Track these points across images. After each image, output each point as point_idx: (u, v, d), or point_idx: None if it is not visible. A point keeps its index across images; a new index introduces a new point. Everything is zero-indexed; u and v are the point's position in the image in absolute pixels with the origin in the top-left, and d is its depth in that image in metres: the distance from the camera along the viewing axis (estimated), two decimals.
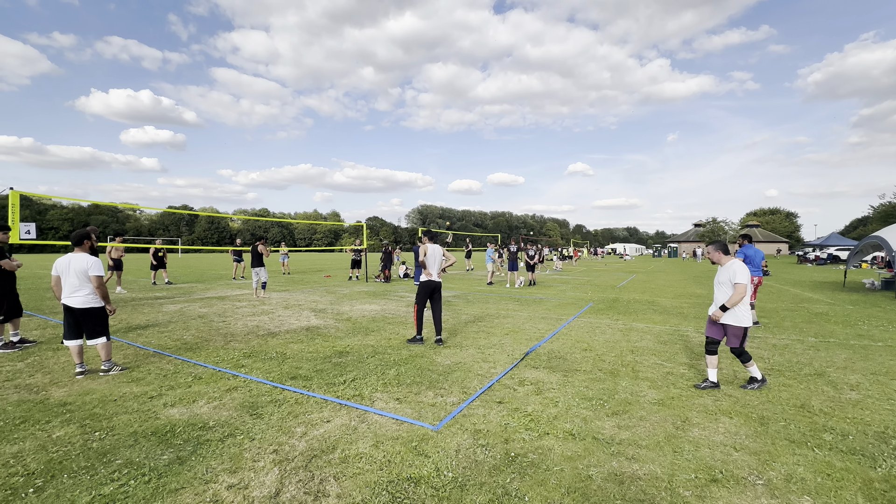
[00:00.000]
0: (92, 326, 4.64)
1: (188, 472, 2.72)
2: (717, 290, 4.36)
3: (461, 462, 2.89)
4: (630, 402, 3.96)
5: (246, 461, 2.87)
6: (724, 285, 4.24)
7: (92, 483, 2.59)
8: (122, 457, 2.90)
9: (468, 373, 4.82)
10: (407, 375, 4.70)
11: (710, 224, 61.84)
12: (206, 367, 5.00)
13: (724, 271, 4.28)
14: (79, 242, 4.73)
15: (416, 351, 5.77)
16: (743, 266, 4.17)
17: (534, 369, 4.98)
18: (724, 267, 4.30)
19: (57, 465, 2.79)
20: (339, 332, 6.97)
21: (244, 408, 3.77)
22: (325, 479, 2.67)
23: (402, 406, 3.84)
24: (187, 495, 2.49)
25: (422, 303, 6.32)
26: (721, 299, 4.26)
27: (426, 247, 6.50)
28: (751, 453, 3.04)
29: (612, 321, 8.21)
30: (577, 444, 3.15)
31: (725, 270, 4.25)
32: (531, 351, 5.81)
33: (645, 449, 3.08)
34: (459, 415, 3.66)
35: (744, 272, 4.11)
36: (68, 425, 3.39)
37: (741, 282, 4.08)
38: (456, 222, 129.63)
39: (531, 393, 4.21)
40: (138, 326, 7.38)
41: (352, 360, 5.30)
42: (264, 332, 6.99)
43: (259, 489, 2.56)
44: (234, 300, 10.82)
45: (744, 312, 4.19)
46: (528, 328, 7.43)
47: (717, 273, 4.38)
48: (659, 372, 4.90)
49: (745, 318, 4.19)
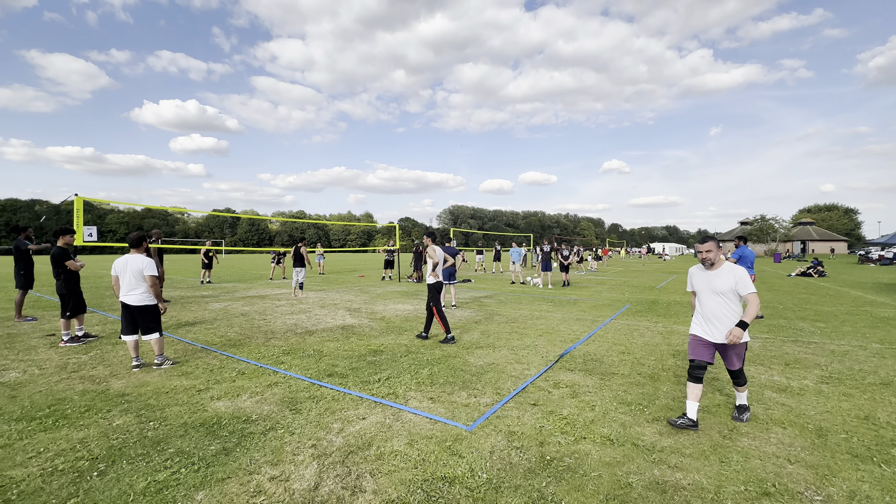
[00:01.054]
0: (146, 323, 4.96)
1: (233, 463, 2.85)
2: (708, 299, 3.44)
3: (495, 464, 2.87)
4: (672, 409, 3.80)
5: (286, 454, 2.97)
6: (726, 296, 3.36)
7: (147, 469, 2.76)
8: (174, 446, 3.08)
9: (501, 374, 4.78)
10: (440, 375, 4.72)
11: (758, 222, 58.23)
12: (248, 362, 5.22)
13: (720, 277, 3.38)
14: (135, 244, 5.06)
15: (449, 351, 5.79)
16: (744, 271, 3.38)
17: (569, 372, 4.88)
18: (719, 272, 3.41)
19: (117, 451, 3.00)
20: (373, 332, 7.10)
21: (284, 403, 3.91)
22: (361, 475, 2.73)
23: (436, 405, 3.86)
24: (233, 485, 2.61)
25: (438, 303, 6.41)
26: (724, 313, 3.38)
27: (432, 248, 6.60)
28: (807, 467, 2.84)
29: (652, 323, 7.91)
30: (616, 450, 3.05)
31: (723, 277, 3.38)
32: (566, 353, 5.69)
33: (689, 458, 2.95)
34: (493, 416, 3.63)
35: (748, 278, 3.34)
36: (126, 415, 3.63)
37: (753, 291, 3.31)
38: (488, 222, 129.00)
39: (566, 396, 4.12)
40: (187, 323, 7.81)
41: (386, 359, 5.38)
42: (302, 330, 7.22)
43: (299, 482, 2.65)
44: (274, 299, 11.25)
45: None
46: (563, 330, 7.28)
47: (701, 277, 3.53)
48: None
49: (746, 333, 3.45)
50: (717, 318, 3.40)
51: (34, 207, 74.73)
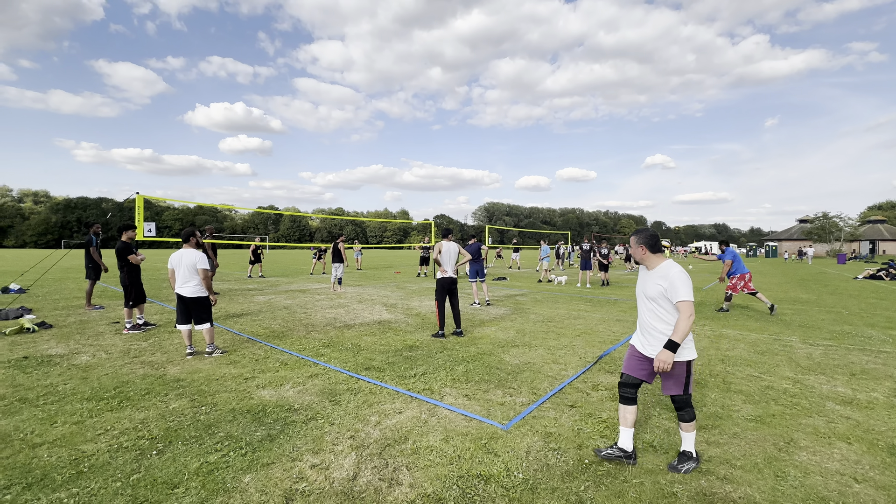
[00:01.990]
0: (199, 313, 5.28)
1: (277, 449, 2.98)
2: (641, 305, 2.90)
3: (532, 464, 2.83)
4: (721, 417, 3.60)
5: (326, 444, 3.07)
6: (657, 302, 2.76)
7: (200, 451, 2.94)
8: (224, 430, 3.26)
9: (537, 374, 4.71)
10: (475, 373, 4.71)
11: (819, 219, 53.80)
12: (290, 354, 5.44)
13: (652, 280, 2.79)
14: (187, 239, 5.39)
15: (484, 349, 5.77)
16: (683, 273, 2.70)
17: (608, 374, 4.73)
18: (654, 272, 2.81)
19: (173, 432, 3.22)
20: (408, 327, 7.19)
21: (324, 394, 4.04)
22: (398, 468, 2.77)
23: (471, 403, 3.86)
24: (277, 470, 2.73)
25: (441, 299, 6.50)
26: (653, 324, 2.79)
27: (441, 244, 6.70)
28: (877, 487, 2.60)
29: (698, 326, 7.52)
30: (659, 457, 2.93)
31: (655, 279, 2.77)
32: (605, 354, 5.53)
33: (740, 469, 2.78)
34: (529, 416, 3.58)
35: (686, 283, 2.65)
36: (181, 399, 3.88)
37: (686, 299, 2.62)
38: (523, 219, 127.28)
39: (606, 399, 4.00)
40: (234, 315, 8.24)
41: (421, 355, 5.44)
42: (341, 324, 7.44)
43: (338, 471, 2.73)
44: (314, 293, 11.64)
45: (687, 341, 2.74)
46: (602, 330, 7.07)
47: (640, 278, 2.97)
48: (756, 385, 4.39)
49: (688, 348, 2.74)
50: (646, 330, 2.84)
51: (101, 205, 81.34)
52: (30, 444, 3.00)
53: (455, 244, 6.79)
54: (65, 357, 5.18)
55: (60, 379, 4.38)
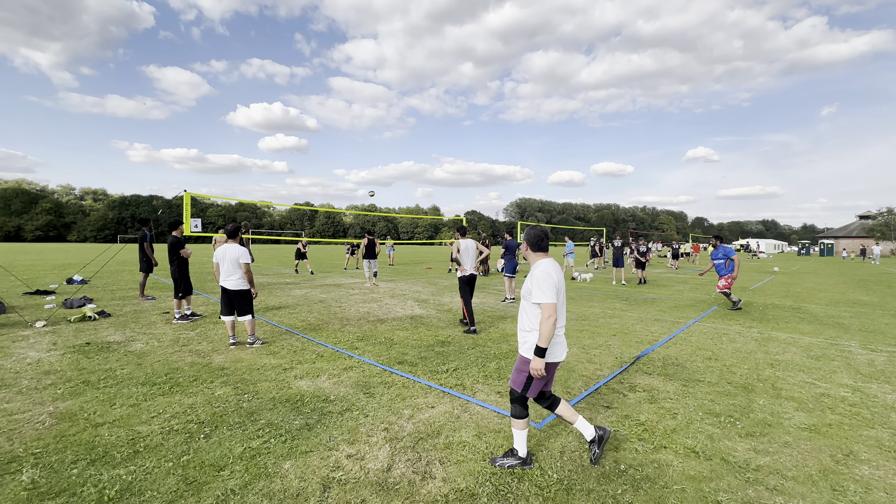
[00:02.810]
0: (241, 305, 5.53)
1: (315, 438, 3.08)
2: (522, 304, 2.82)
3: (566, 464, 2.78)
4: (770, 424, 3.40)
5: (361, 435, 3.14)
6: (526, 299, 2.75)
7: (243, 437, 3.08)
8: (265, 418, 3.40)
9: (571, 373, 4.62)
10: (507, 370, 4.68)
11: (883, 215, 49.50)
12: (326, 346, 5.60)
13: (528, 277, 2.77)
14: (232, 235, 5.64)
15: (516, 346, 5.70)
16: (545, 273, 2.66)
17: (646, 375, 4.57)
18: (531, 271, 2.79)
19: (219, 418, 3.39)
20: (440, 322, 7.23)
21: (358, 386, 4.13)
22: (431, 462, 2.80)
23: (504, 400, 3.83)
24: (315, 458, 2.82)
25: (467, 296, 6.64)
26: (522, 322, 2.78)
27: (459, 242, 6.78)
28: None
29: (744, 328, 7.13)
30: (702, 464, 2.80)
31: (529, 277, 2.77)
32: (643, 355, 5.34)
33: (792, 481, 2.62)
34: None
35: (545, 284, 2.61)
36: (226, 386, 4.08)
37: (541, 300, 2.59)
38: (556, 215, 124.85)
39: (644, 401, 3.87)
40: (273, 307, 8.56)
41: (453, 351, 5.46)
42: (374, 318, 7.57)
43: (373, 462, 2.79)
44: (348, 288, 11.92)
45: (533, 338, 2.68)
46: (639, 330, 6.83)
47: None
48: (810, 392, 4.12)
49: (551, 351, 2.71)
50: (519, 329, 2.80)
51: (152, 202, 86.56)
52: (92, 424, 3.25)
53: (473, 241, 6.87)
54: (122, 344, 5.56)
55: (118, 364, 4.70)
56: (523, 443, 2.76)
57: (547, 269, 2.70)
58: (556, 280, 2.67)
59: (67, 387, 3.99)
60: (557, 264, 2.80)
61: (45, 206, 79.89)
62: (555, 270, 2.71)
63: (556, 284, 2.65)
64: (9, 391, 3.87)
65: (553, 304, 2.57)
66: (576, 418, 2.84)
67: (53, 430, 3.14)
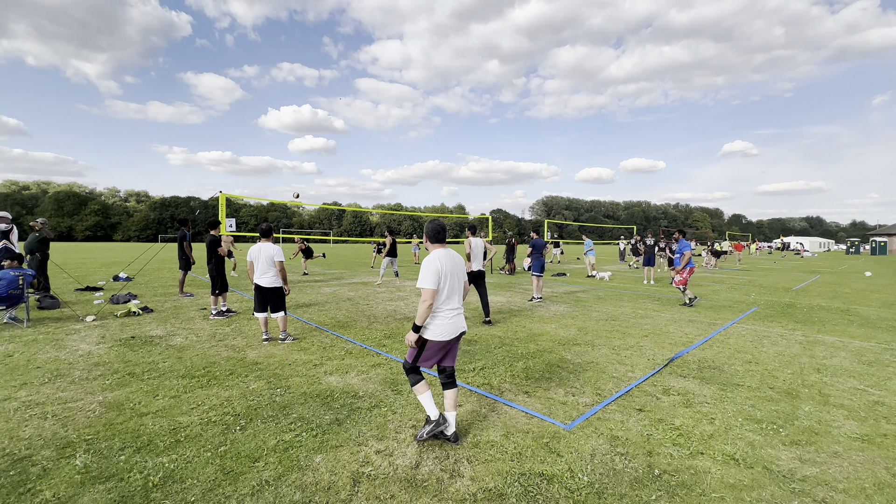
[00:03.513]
0: (275, 302, 5.70)
1: (345, 433, 3.13)
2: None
3: (597, 468, 2.72)
4: (817, 433, 3.21)
5: (390, 431, 3.18)
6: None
7: (276, 430, 3.18)
8: (297, 412, 3.49)
9: (601, 374, 4.51)
10: (535, 370, 4.62)
11: None
12: (354, 343, 5.70)
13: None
14: (266, 234, 5.81)
15: (544, 346, 5.63)
16: (428, 262, 3.01)
17: (681, 378, 4.41)
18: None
19: (253, 411, 3.50)
20: (466, 321, 7.21)
21: (386, 383, 4.18)
22: (458, 461, 2.80)
23: (532, 400, 3.79)
24: (345, 453, 2.87)
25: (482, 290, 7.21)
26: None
27: (470, 240, 7.24)
28: None
29: (787, 331, 6.77)
30: (742, 472, 2.68)
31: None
32: (677, 357, 5.16)
33: (842, 493, 2.46)
34: (594, 417, 3.45)
35: (426, 271, 2.98)
36: (259, 380, 4.22)
37: (421, 285, 2.96)
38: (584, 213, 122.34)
39: (679, 404, 3.73)
40: (303, 304, 8.79)
41: (480, 350, 5.44)
42: (401, 315, 7.65)
43: (402, 459, 2.81)
44: (376, 286, 12.08)
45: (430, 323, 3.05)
46: (672, 331, 6.60)
47: None
48: (862, 400, 3.86)
49: (429, 328, 3.04)
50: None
51: (190, 203, 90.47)
52: (138, 413, 3.43)
53: (481, 240, 7.28)
54: (163, 338, 5.84)
55: (160, 357, 4.95)
56: (431, 405, 3.07)
57: (433, 258, 3.05)
58: (441, 268, 3.01)
59: (115, 378, 4.23)
60: (453, 255, 3.17)
61: (94, 208, 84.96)
62: (441, 260, 3.04)
63: (440, 272, 3.00)
64: (63, 381, 4.13)
65: (430, 289, 2.95)
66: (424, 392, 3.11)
67: (103, 418, 3.33)
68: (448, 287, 3.07)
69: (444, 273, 3.03)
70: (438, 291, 3.01)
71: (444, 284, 3.03)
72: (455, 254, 3.24)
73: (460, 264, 3.23)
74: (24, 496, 2.37)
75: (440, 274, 3.00)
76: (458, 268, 3.20)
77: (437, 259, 3.06)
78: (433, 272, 2.98)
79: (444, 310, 3.08)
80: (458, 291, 3.18)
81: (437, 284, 2.98)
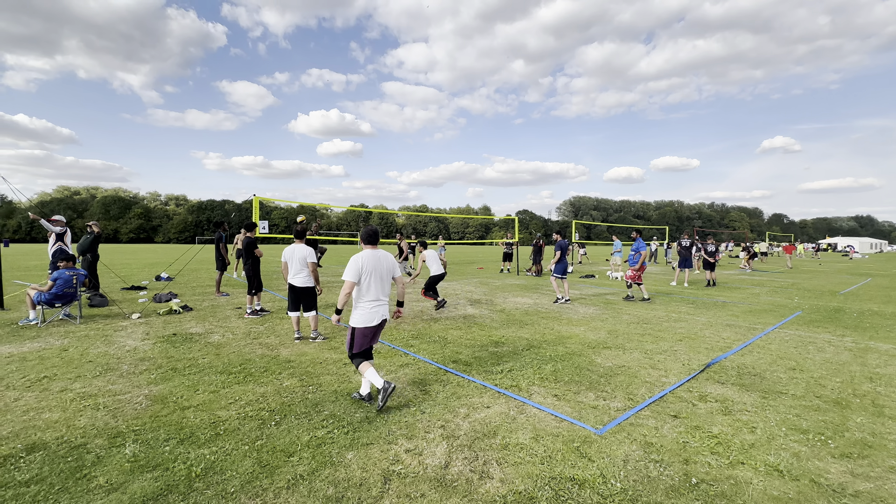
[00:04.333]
0: (308, 302, 5.87)
1: (375, 431, 3.19)
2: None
3: (630, 474, 2.65)
4: (870, 445, 3.02)
5: (419, 431, 3.21)
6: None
7: (309, 426, 3.27)
8: (328, 409, 3.57)
9: (633, 378, 4.40)
10: (564, 373, 4.55)
11: None
12: (382, 343, 5.77)
13: None
14: (300, 236, 5.99)
15: (573, 349, 5.54)
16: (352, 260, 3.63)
17: (719, 384, 4.24)
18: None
19: (287, 407, 3.62)
20: (493, 323, 7.19)
21: (415, 383, 4.22)
22: (488, 462, 2.79)
23: (561, 403, 3.74)
24: (375, 451, 2.92)
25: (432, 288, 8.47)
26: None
27: (425, 253, 8.47)
28: None
29: (835, 337, 6.39)
30: (787, 484, 2.55)
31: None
32: (714, 362, 4.96)
33: None
34: (626, 422, 3.36)
35: (348, 266, 3.59)
36: (292, 378, 4.34)
37: (344, 278, 3.58)
38: (613, 213, 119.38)
39: (716, 412, 3.59)
40: (333, 304, 8.97)
41: (507, 352, 5.41)
42: (427, 317, 7.69)
43: (431, 458, 2.83)
44: None
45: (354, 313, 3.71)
46: (709, 336, 6.36)
47: None
48: None
49: (354, 317, 3.69)
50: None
51: (224, 206, 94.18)
52: (180, 407, 3.60)
53: (434, 252, 8.50)
54: (202, 336, 6.11)
55: (200, 354, 5.17)
56: (376, 377, 3.56)
57: (357, 256, 3.62)
58: (362, 266, 3.59)
59: (159, 372, 4.46)
60: (379, 255, 3.71)
61: (137, 212, 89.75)
62: (364, 259, 3.61)
63: (361, 269, 3.59)
64: (113, 374, 4.39)
65: (349, 282, 3.57)
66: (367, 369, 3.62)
67: (148, 410, 3.52)
68: (369, 282, 3.63)
69: (365, 270, 3.60)
70: (360, 285, 3.62)
71: (364, 279, 3.62)
72: (383, 254, 3.76)
73: (386, 264, 3.75)
74: (80, 481, 2.54)
75: (361, 270, 3.58)
76: (383, 266, 3.72)
77: (361, 258, 3.61)
78: (354, 268, 3.57)
79: (366, 301, 3.65)
80: (380, 286, 3.70)
81: (356, 278, 3.58)
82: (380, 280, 3.69)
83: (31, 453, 2.82)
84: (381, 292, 3.71)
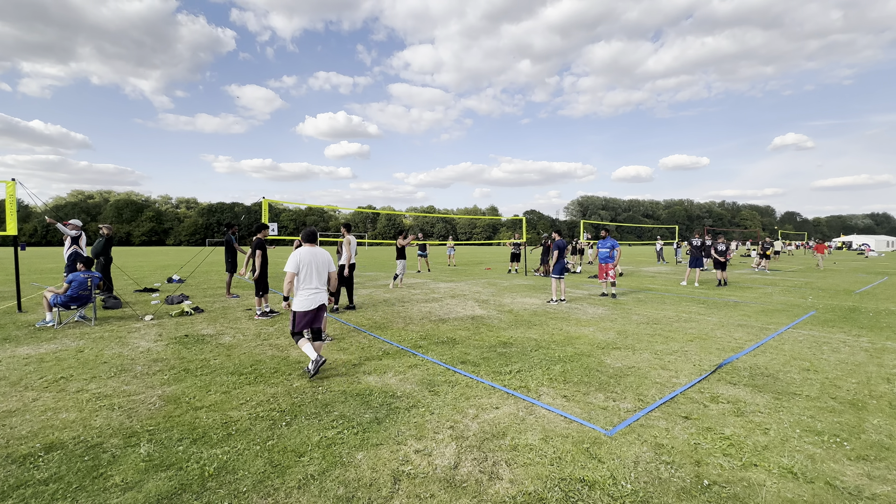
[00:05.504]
0: None
1: (384, 432, 3.20)
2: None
3: (641, 475, 2.64)
4: (888, 448, 2.96)
5: (428, 431, 3.22)
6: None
7: (320, 426, 3.29)
8: (338, 410, 3.60)
9: (643, 379, 4.36)
10: (573, 373, 4.53)
11: None
12: (391, 344, 5.80)
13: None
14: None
15: (583, 349, 5.51)
16: (292, 255, 4.45)
17: (730, 385, 4.19)
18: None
19: (297, 407, 3.65)
20: (501, 324, 7.18)
21: (423, 384, 4.23)
22: (497, 463, 2.79)
23: (570, 404, 3.72)
24: (385, 451, 2.94)
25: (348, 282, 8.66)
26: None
27: (347, 238, 8.46)
28: None
29: (850, 337, 6.28)
30: (802, 487, 2.51)
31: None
32: (726, 363, 4.90)
33: None
34: (636, 423, 3.34)
35: (288, 260, 4.44)
36: (302, 379, 4.38)
37: (285, 269, 4.42)
38: (622, 213, 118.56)
39: (728, 413, 3.55)
40: (340, 306, 9.03)
41: (516, 352, 5.40)
42: (436, 318, 7.71)
43: (440, 459, 2.84)
44: (410, 288, 12.23)
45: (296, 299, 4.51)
46: (720, 336, 6.28)
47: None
48: None
49: (295, 302, 4.50)
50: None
51: (234, 208, 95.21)
52: (193, 407, 3.65)
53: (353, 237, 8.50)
54: (213, 337, 6.18)
55: (211, 355, 5.24)
56: (311, 350, 4.36)
57: (295, 252, 4.48)
58: (300, 260, 4.44)
59: (171, 373, 4.52)
60: (315, 252, 4.57)
61: (149, 215, 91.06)
62: (301, 254, 4.47)
63: (299, 262, 4.43)
64: (127, 375, 4.47)
65: (290, 272, 4.39)
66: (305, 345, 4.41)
67: (162, 410, 3.58)
68: (305, 272, 4.45)
69: (303, 263, 4.45)
70: (298, 274, 4.42)
71: (302, 270, 4.43)
72: (319, 250, 4.61)
73: (322, 259, 4.60)
74: (97, 480, 2.59)
75: (298, 263, 4.43)
76: (318, 260, 4.56)
77: (298, 253, 4.49)
78: (294, 262, 4.43)
79: (304, 288, 4.46)
80: (316, 276, 4.50)
81: (295, 269, 4.42)
82: (316, 272, 4.51)
83: (50, 452, 2.89)
84: (319, 282, 4.52)
